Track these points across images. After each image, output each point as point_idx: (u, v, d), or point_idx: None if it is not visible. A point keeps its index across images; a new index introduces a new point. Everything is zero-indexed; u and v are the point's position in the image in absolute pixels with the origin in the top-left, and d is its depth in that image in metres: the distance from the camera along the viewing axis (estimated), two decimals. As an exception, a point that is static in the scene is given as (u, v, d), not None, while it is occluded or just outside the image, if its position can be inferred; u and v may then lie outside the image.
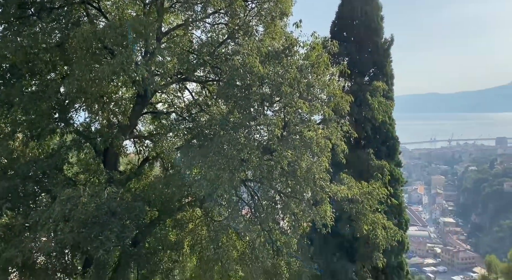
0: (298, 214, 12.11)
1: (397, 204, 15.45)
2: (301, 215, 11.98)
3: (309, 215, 11.50)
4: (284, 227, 13.27)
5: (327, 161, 11.05)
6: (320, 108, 10.69)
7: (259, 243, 10.97)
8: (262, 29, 13.35)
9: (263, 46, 10.19)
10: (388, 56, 15.76)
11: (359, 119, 15.11)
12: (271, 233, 13.10)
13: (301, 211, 11.60)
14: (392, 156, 16.62)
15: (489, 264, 30.68)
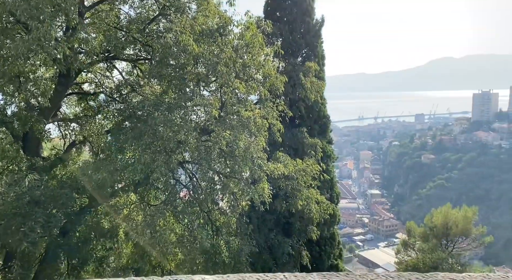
0: (237, 194, 12.28)
1: (329, 179, 16.34)
2: (240, 194, 12.17)
3: (247, 193, 11.71)
4: (223, 207, 13.40)
5: (264, 140, 11.25)
6: (256, 88, 10.76)
7: (197, 224, 10.95)
8: (195, 7, 12.91)
9: (197, 24, 9.87)
10: (319, 37, 16.20)
11: (293, 99, 15.49)
12: (210, 213, 13.17)
13: (240, 190, 11.76)
14: (324, 133, 17.39)
15: (408, 230, 33.83)
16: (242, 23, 10.59)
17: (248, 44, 10.78)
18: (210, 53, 9.64)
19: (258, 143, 10.96)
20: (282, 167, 11.54)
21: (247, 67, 10.97)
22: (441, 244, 29.33)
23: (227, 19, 10.39)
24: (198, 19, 11.09)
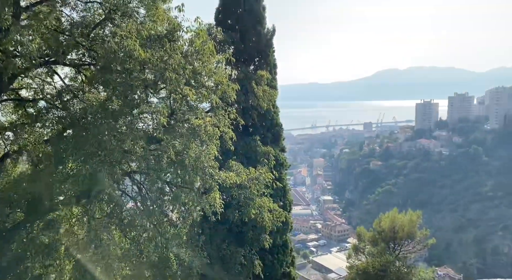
0: (188, 204, 11.93)
1: (282, 187, 16.44)
2: (191, 205, 11.84)
3: (198, 204, 11.42)
4: (174, 219, 12.95)
5: (215, 149, 11.05)
6: (207, 95, 10.58)
7: (143, 238, 10.45)
8: (144, 11, 12.53)
9: (144, 29, 9.53)
10: (270, 46, 16.39)
11: (246, 107, 15.48)
12: (160, 225, 12.67)
13: (191, 200, 11.44)
14: (277, 142, 17.53)
15: (359, 235, 34.84)
16: (192, 29, 10.40)
17: (198, 50, 10.59)
18: (157, 59, 9.33)
19: (209, 151, 10.75)
20: (234, 176, 11.40)
21: (198, 74, 10.75)
22: (389, 247, 30.57)
23: (177, 24, 10.14)
24: (147, 24, 10.74)
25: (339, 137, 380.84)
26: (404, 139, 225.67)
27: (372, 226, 32.62)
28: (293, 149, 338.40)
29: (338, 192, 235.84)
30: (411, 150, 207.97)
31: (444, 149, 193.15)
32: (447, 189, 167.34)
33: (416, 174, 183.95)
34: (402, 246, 30.88)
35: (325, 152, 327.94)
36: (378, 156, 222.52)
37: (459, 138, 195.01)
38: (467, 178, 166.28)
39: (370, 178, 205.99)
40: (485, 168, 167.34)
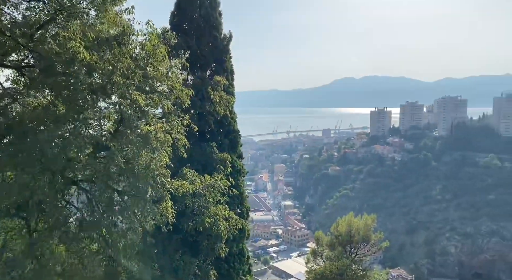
0: (138, 214, 11.44)
1: (239, 194, 16.27)
2: (142, 214, 11.36)
3: (149, 213, 10.98)
4: (124, 229, 12.36)
5: (167, 156, 10.69)
6: (158, 101, 10.21)
7: (88, 251, 9.84)
8: (94, 13, 11.97)
9: (90, 31, 9.04)
10: (227, 52, 16.25)
11: (202, 113, 15.20)
12: (109, 236, 12.03)
13: (141, 210, 10.97)
14: (234, 148, 17.36)
15: (317, 239, 35.33)
16: (144, 32, 10.03)
17: (150, 54, 10.24)
18: (105, 62, 8.88)
19: (161, 159, 10.37)
20: (187, 184, 11.08)
21: (150, 79, 10.38)
22: (345, 251, 31.27)
23: (127, 27, 9.73)
24: (96, 26, 10.23)
25: (299, 143, 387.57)
26: (360, 145, 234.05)
27: (330, 230, 33.28)
28: (254, 155, 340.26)
29: (299, 197, 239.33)
30: (367, 155, 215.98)
31: (396, 155, 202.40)
32: (400, 192, 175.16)
33: (372, 178, 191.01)
34: (358, 249, 31.72)
35: (286, 158, 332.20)
36: (336, 161, 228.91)
37: (410, 144, 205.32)
38: (418, 182, 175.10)
39: (329, 182, 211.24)
40: (434, 172, 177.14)
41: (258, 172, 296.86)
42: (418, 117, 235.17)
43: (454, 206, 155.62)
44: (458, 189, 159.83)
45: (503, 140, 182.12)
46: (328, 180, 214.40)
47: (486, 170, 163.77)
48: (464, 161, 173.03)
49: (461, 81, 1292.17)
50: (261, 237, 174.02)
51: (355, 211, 48.85)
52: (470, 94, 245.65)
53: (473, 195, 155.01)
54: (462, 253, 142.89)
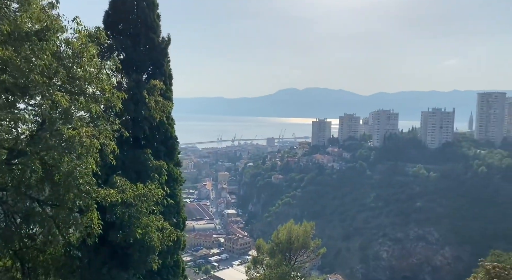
0: (60, 225, 10.49)
1: (175, 203, 15.68)
2: (64, 226, 10.43)
3: (72, 224, 10.11)
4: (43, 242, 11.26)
5: (94, 163, 9.93)
6: (85, 103, 9.48)
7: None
8: (17, 5, 10.92)
9: (4, 24, 8.16)
10: (165, 56, 15.69)
11: (137, 118, 14.47)
12: (26, 251, 10.89)
13: (63, 221, 10.07)
14: (171, 155, 16.75)
15: (258, 247, 35.45)
16: (71, 29, 9.29)
17: (77, 53, 9.50)
18: (21, 59, 8.04)
19: (86, 166, 9.60)
20: (115, 193, 10.36)
21: (77, 79, 9.62)
22: (285, 258, 31.66)
23: (50, 22, 8.93)
24: (18, 20, 9.28)
25: (243, 151, 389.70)
26: (302, 154, 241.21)
27: (271, 238, 33.55)
28: (198, 163, 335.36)
29: (242, 205, 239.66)
30: (308, 164, 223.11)
31: (335, 164, 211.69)
32: (338, 200, 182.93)
33: (312, 186, 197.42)
34: (298, 256, 32.31)
35: (230, 166, 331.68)
36: (279, 170, 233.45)
37: (348, 154, 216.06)
38: (354, 190, 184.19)
39: (272, 190, 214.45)
40: (369, 181, 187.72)
41: (202, 180, 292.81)
42: (355, 128, 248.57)
43: (386, 213, 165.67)
44: (390, 197, 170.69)
45: (429, 151, 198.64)
46: (271, 188, 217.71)
47: (415, 179, 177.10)
48: (395, 170, 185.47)
49: (393, 96, 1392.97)
50: (202, 246, 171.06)
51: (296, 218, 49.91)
52: (401, 108, 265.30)
53: (403, 202, 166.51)
54: (392, 257, 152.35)
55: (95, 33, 11.02)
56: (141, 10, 14.52)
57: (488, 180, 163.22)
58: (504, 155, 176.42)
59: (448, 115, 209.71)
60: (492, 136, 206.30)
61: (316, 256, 33.57)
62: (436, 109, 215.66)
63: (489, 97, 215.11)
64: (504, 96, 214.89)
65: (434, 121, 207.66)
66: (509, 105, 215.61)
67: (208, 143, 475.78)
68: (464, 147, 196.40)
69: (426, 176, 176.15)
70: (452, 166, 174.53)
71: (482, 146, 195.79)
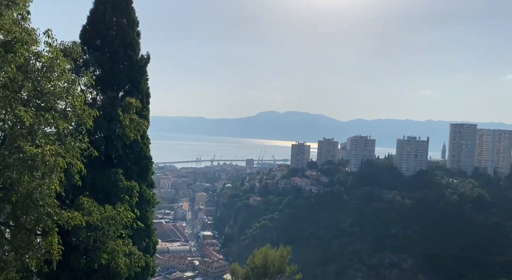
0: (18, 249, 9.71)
1: (146, 227, 14.96)
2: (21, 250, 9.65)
3: (29, 249, 9.37)
4: None
5: (58, 184, 9.32)
6: (52, 120, 8.97)
7: None
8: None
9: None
10: (143, 74, 15.34)
11: (110, 137, 13.91)
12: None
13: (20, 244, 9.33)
14: (145, 176, 16.13)
15: (233, 272, 34.56)
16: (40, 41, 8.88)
17: (47, 67, 9.07)
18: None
19: (49, 186, 8.98)
20: (80, 216, 9.71)
21: (44, 94, 9.14)
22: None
23: (19, 34, 8.51)
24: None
25: (222, 171, 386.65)
26: (281, 176, 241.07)
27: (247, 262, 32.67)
28: (176, 182, 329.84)
29: (219, 227, 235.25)
30: (287, 187, 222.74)
31: (313, 187, 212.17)
32: (315, 224, 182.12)
33: (290, 209, 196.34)
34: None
35: (208, 186, 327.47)
36: (258, 192, 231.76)
37: (326, 178, 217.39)
38: (331, 215, 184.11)
39: (250, 212, 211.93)
40: (346, 206, 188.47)
41: (179, 200, 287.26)
42: (333, 153, 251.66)
43: (362, 239, 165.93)
44: (366, 223, 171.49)
45: (404, 178, 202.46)
46: (249, 210, 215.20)
47: (390, 205, 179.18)
48: (372, 196, 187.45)
49: (370, 123, 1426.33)
50: (176, 268, 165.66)
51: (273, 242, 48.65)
52: (377, 135, 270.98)
53: (379, 228, 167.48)
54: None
55: (69, 48, 10.64)
56: (121, 27, 14.26)
57: (460, 209, 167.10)
58: (475, 185, 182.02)
59: (422, 144, 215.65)
60: (464, 166, 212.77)
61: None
62: (411, 138, 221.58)
63: (461, 128, 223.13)
64: (475, 128, 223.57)
65: (409, 149, 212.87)
66: (480, 137, 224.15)
67: (187, 163, 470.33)
68: (438, 175, 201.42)
69: (401, 203, 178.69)
70: (426, 194, 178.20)
71: (454, 175, 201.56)
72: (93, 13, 14.26)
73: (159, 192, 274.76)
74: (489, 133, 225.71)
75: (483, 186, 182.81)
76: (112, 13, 14.11)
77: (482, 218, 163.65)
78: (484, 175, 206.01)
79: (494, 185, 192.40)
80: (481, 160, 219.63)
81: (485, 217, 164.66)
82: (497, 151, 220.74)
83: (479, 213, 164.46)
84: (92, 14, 14.31)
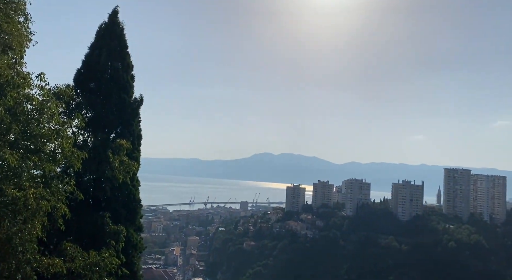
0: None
1: (131, 273, 14.29)
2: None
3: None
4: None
5: (40, 228, 9.00)
6: (38, 162, 8.84)
7: None
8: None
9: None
10: (136, 116, 15.46)
11: (99, 178, 13.70)
12: None
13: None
14: (133, 219, 15.68)
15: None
16: (33, 84, 9.00)
17: (38, 109, 9.11)
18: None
19: (30, 231, 8.65)
20: (60, 262, 9.28)
21: (32, 137, 9.09)
22: None
23: (11, 77, 8.63)
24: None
25: (216, 214, 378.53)
26: (276, 220, 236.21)
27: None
28: (168, 226, 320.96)
29: (211, 273, 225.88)
30: (281, 231, 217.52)
31: (309, 231, 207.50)
32: (311, 270, 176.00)
33: (285, 255, 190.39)
34: None
35: (201, 230, 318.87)
36: (252, 236, 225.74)
37: (322, 222, 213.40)
38: (327, 260, 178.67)
39: (243, 258, 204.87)
40: (342, 251, 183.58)
41: (170, 244, 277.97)
42: (328, 196, 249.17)
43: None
44: (363, 269, 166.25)
45: (400, 223, 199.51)
46: (243, 255, 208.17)
47: (387, 251, 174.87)
48: (368, 241, 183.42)
49: (365, 166, 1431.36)
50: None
51: (267, 290, 45.80)
52: (372, 178, 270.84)
53: (376, 275, 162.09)
54: None
55: (62, 91, 10.76)
56: (115, 70, 14.58)
57: (457, 255, 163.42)
58: (472, 231, 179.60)
59: (417, 189, 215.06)
60: (460, 211, 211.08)
61: None
62: (406, 182, 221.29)
63: (455, 173, 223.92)
64: (469, 173, 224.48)
65: (404, 193, 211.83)
66: (474, 182, 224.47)
67: (180, 205, 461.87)
68: (434, 220, 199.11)
69: (398, 248, 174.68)
70: (422, 239, 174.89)
71: (450, 220, 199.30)
72: (88, 58, 14.64)
73: (150, 236, 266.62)
74: (483, 178, 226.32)
75: (480, 232, 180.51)
76: (107, 57, 14.50)
77: (481, 266, 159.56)
78: (480, 221, 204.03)
79: (491, 232, 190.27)
80: (476, 205, 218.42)
81: (484, 264, 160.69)
82: (492, 197, 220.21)
83: (477, 260, 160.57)
84: (87, 58, 14.68)
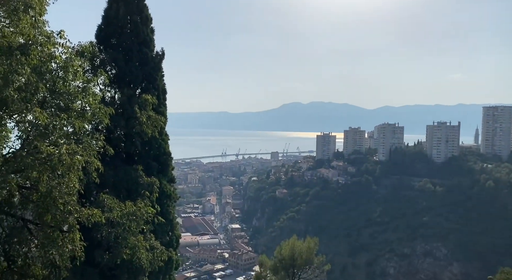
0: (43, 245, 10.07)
1: (167, 221, 15.18)
2: (45, 247, 10.00)
3: (53, 246, 9.66)
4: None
5: (77, 182, 9.53)
6: (67, 119, 9.14)
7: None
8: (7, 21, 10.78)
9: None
10: (159, 70, 15.45)
11: (127, 134, 14.13)
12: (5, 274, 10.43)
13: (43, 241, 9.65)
14: (165, 171, 16.33)
15: (261, 263, 34.69)
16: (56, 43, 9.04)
17: (62, 67, 9.23)
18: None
19: (68, 185, 9.18)
20: (99, 213, 9.90)
21: (59, 95, 9.32)
22: (288, 275, 30.78)
23: (32, 36, 8.68)
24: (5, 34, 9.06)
25: (248, 165, 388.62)
26: (307, 168, 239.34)
27: (274, 254, 32.74)
28: (203, 177, 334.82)
29: (246, 220, 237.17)
30: (313, 178, 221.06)
31: (340, 178, 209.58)
32: (343, 215, 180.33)
33: (317, 201, 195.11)
34: (302, 273, 31.40)
35: (234, 180, 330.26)
36: (284, 184, 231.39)
37: (353, 168, 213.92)
38: (360, 205, 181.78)
39: (276, 205, 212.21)
40: (374, 196, 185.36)
41: (206, 194, 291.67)
42: (360, 142, 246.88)
43: (392, 228, 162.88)
44: (396, 212, 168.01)
45: (435, 165, 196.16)
46: (276, 203, 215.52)
47: (421, 193, 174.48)
48: (401, 184, 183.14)
49: (398, 109, 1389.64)
50: (207, 261, 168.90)
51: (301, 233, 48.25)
52: (406, 121, 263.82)
53: (410, 217, 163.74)
54: (400, 273, 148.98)
55: (84, 48, 10.79)
56: (135, 24, 14.37)
57: (495, 195, 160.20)
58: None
59: (453, 129, 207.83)
60: (499, 150, 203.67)
61: (321, 272, 32.62)
62: (441, 123, 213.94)
63: (495, 111, 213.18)
64: (510, 110, 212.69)
65: (439, 135, 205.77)
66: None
67: (213, 157, 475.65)
68: (470, 161, 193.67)
69: (432, 190, 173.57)
70: (458, 180, 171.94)
71: (488, 160, 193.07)
72: (107, 12, 14.45)
73: (187, 187, 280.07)
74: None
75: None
76: (125, 10, 14.25)
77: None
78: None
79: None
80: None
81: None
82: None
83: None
84: (106, 13, 14.50)
